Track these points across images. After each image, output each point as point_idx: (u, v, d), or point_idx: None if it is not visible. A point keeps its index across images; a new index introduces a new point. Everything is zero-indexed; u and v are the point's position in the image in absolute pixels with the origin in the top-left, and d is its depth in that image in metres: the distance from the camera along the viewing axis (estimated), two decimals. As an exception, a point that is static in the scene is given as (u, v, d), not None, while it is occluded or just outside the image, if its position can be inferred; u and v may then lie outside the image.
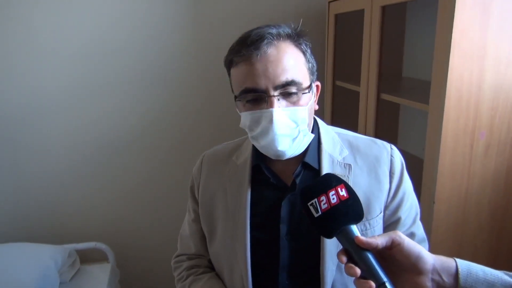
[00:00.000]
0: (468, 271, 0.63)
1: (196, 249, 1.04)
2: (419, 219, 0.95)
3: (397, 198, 0.90)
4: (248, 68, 0.79)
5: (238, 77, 0.82)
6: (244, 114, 0.84)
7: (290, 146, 0.83)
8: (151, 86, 2.04)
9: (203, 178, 1.01)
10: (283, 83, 0.79)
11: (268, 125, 0.80)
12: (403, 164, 0.93)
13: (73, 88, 1.98)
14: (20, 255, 1.80)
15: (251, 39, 0.79)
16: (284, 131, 0.81)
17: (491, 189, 1.17)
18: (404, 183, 0.91)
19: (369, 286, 0.60)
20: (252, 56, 0.78)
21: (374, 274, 0.62)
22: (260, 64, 0.78)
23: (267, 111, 0.79)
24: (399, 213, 0.90)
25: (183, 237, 1.09)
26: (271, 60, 0.78)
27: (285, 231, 0.87)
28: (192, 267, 1.04)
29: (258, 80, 0.78)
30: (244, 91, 0.81)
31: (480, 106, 1.10)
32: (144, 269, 2.29)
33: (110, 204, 2.17)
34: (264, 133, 0.81)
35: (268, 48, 0.79)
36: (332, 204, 0.66)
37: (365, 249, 0.63)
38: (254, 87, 0.79)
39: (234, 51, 0.82)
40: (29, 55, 1.90)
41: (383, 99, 1.48)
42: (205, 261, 1.04)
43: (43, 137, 2.01)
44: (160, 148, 2.13)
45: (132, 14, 1.93)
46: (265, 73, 0.78)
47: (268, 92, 0.79)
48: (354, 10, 1.62)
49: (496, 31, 1.05)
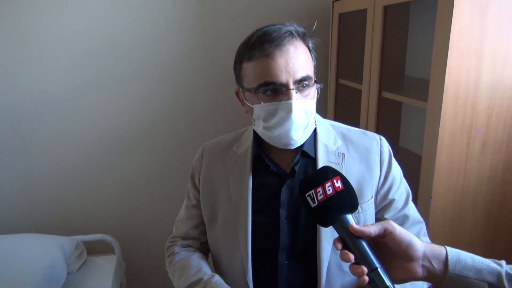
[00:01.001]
0: (457, 258, 0.67)
1: (191, 231, 1.10)
2: (412, 200, 0.99)
3: (387, 183, 0.96)
4: (270, 62, 0.84)
5: (257, 71, 0.86)
6: (259, 106, 0.88)
7: (302, 135, 0.90)
8: (158, 83, 2.08)
9: (204, 166, 1.06)
10: (301, 77, 0.85)
11: (287, 115, 0.85)
12: (391, 153, 0.99)
13: (82, 86, 2.03)
14: (30, 245, 1.85)
15: (273, 37, 0.84)
16: (300, 121, 0.87)
17: (487, 186, 1.20)
18: (393, 169, 0.97)
19: (362, 271, 0.64)
20: (275, 51, 0.84)
21: (367, 260, 0.65)
22: (283, 59, 0.84)
23: (287, 102, 0.85)
24: (389, 197, 0.96)
25: (179, 221, 1.15)
26: (291, 56, 0.84)
27: (284, 215, 0.93)
28: (184, 245, 1.10)
29: (280, 74, 0.84)
30: (263, 84, 0.85)
31: (477, 104, 1.13)
32: (149, 260, 2.34)
33: (116, 197, 2.22)
34: (280, 123, 0.87)
35: (288, 45, 0.84)
36: (328, 195, 0.69)
37: (359, 237, 0.67)
38: (275, 81, 0.84)
39: (253, 46, 0.86)
40: (39, 53, 1.95)
41: (384, 97, 1.51)
42: (197, 243, 1.10)
43: (52, 132, 2.06)
44: (166, 143, 2.18)
45: (138, 13, 1.97)
46: (286, 68, 0.84)
47: (288, 86, 0.84)
48: (357, 9, 1.65)
49: (493, 32, 1.08)
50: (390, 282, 0.64)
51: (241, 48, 0.91)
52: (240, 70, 0.91)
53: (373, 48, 1.52)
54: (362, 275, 0.64)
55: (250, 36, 0.89)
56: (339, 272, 0.93)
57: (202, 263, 1.02)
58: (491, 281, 0.65)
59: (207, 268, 1.01)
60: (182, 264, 1.03)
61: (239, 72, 0.92)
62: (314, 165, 0.95)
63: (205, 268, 1.01)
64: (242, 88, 0.93)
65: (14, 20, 1.89)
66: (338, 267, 0.92)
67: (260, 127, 0.92)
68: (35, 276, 1.70)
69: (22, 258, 1.76)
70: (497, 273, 0.65)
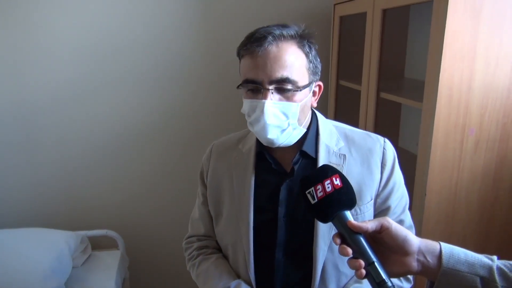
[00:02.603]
0: (451, 253, 0.70)
1: (205, 230, 1.13)
2: (408, 208, 1.02)
3: (388, 187, 0.98)
4: (251, 61, 0.89)
5: (243, 68, 0.92)
6: (244, 101, 0.94)
7: (279, 136, 0.92)
8: (166, 83, 2.14)
9: (211, 165, 1.10)
10: (278, 79, 0.87)
11: (260, 114, 0.89)
12: (395, 157, 1.00)
13: (89, 84, 2.08)
14: (37, 239, 1.90)
15: (255, 37, 0.88)
16: (273, 121, 0.89)
17: (480, 183, 1.24)
18: (395, 174, 0.99)
19: (359, 264, 0.67)
20: (255, 51, 0.87)
21: (364, 254, 0.69)
22: (261, 59, 0.87)
23: (260, 101, 0.88)
24: (389, 202, 0.98)
25: (194, 219, 1.18)
26: (270, 57, 0.87)
27: (283, 213, 0.96)
28: (202, 247, 1.13)
29: (257, 73, 0.88)
30: (245, 81, 0.91)
31: (470, 104, 1.17)
32: (152, 256, 2.39)
33: (121, 194, 2.27)
34: (256, 121, 0.91)
35: (269, 46, 0.87)
36: (327, 192, 0.73)
37: (357, 232, 0.70)
38: (253, 79, 0.89)
39: (241, 45, 0.92)
40: (48, 52, 2.01)
41: (383, 98, 1.55)
42: (213, 242, 1.13)
43: (59, 128, 2.12)
44: (171, 142, 2.23)
45: (146, 13, 2.03)
46: (263, 67, 0.87)
47: (263, 85, 0.88)
48: (358, 12, 1.70)
49: (486, 34, 1.12)
50: (386, 276, 0.67)
51: (238, 46, 0.95)
52: (239, 68, 0.97)
53: (372, 50, 1.57)
54: (359, 268, 0.67)
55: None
56: (334, 272, 0.95)
57: (222, 271, 1.03)
58: (483, 275, 0.68)
59: (228, 276, 1.02)
60: (203, 270, 1.06)
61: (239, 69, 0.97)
62: (314, 165, 0.97)
63: (225, 276, 1.01)
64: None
65: (20, 19, 1.95)
66: (334, 267, 0.95)
67: (247, 122, 0.96)
68: (43, 269, 1.75)
69: (30, 252, 1.81)
70: (489, 267, 0.68)
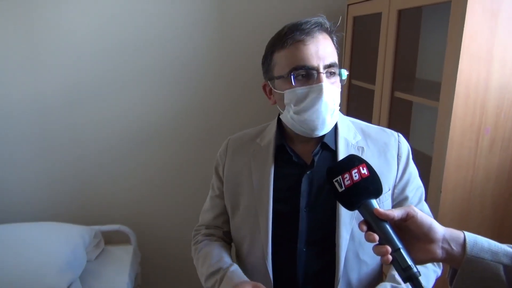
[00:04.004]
0: (475, 241, 0.72)
1: (214, 220, 1.17)
2: (424, 200, 1.06)
3: (404, 178, 1.02)
4: (302, 47, 0.92)
5: (289, 57, 0.94)
6: (290, 90, 0.94)
7: (329, 121, 0.95)
8: (178, 80, 2.17)
9: (228, 158, 1.12)
10: (330, 63, 0.93)
11: (318, 96, 0.92)
12: (409, 150, 1.04)
13: (107, 80, 2.12)
14: (52, 233, 1.93)
15: (303, 27, 0.93)
16: (330, 104, 0.93)
17: (495, 182, 1.27)
18: (410, 166, 1.03)
19: (386, 250, 0.69)
20: (306, 38, 0.92)
21: (390, 241, 0.71)
22: (313, 46, 0.92)
23: (317, 85, 0.92)
24: (406, 192, 1.02)
25: (204, 211, 1.22)
26: (320, 44, 0.93)
27: (304, 204, 0.99)
28: (208, 234, 1.17)
29: (311, 58, 0.92)
30: (296, 68, 0.93)
31: (486, 104, 1.20)
32: (164, 252, 2.42)
33: (134, 190, 2.30)
34: (311, 106, 0.93)
35: (318, 34, 0.93)
36: (355, 180, 0.75)
37: (383, 220, 0.72)
38: (307, 64, 0.92)
39: (286, 34, 0.94)
40: (63, 50, 2.04)
41: (397, 97, 1.58)
42: (219, 232, 1.16)
43: (74, 125, 2.15)
44: (183, 138, 2.26)
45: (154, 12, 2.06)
46: (317, 53, 0.92)
47: (318, 69, 0.92)
48: (372, 13, 1.73)
49: (503, 36, 1.15)
50: (411, 262, 0.69)
51: (273, 39, 0.98)
52: (271, 61, 0.98)
53: (386, 51, 1.59)
54: (386, 254, 0.69)
55: (281, 29, 0.97)
56: (356, 261, 0.98)
57: (222, 253, 1.08)
58: (506, 262, 0.70)
59: (227, 257, 1.07)
60: (205, 253, 1.09)
61: (270, 62, 0.99)
62: (334, 157, 1.00)
63: (225, 257, 1.06)
64: (272, 79, 0.99)
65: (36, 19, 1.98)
66: (355, 256, 0.97)
67: (290, 112, 0.96)
68: (58, 262, 1.78)
69: (46, 245, 1.84)
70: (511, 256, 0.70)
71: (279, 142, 1.04)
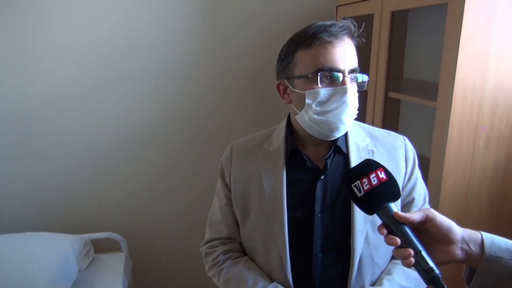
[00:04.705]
0: (492, 241, 0.74)
1: (229, 232, 1.12)
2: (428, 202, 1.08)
3: (412, 180, 1.03)
4: (331, 49, 0.91)
5: (316, 57, 0.92)
6: (313, 91, 0.93)
7: (348, 123, 0.96)
8: (164, 85, 2.13)
9: (234, 164, 1.10)
10: (354, 68, 0.94)
11: (342, 98, 0.92)
12: (415, 153, 1.06)
13: (88, 86, 2.05)
14: (41, 243, 1.87)
15: (331, 30, 0.91)
16: (353, 107, 0.94)
17: (491, 178, 1.31)
18: (416, 168, 1.05)
19: (409, 253, 0.70)
20: (335, 40, 0.92)
21: (411, 244, 0.71)
22: (340, 49, 0.92)
23: (342, 88, 0.92)
24: (413, 194, 1.03)
25: (214, 221, 1.15)
26: (347, 48, 0.93)
27: (319, 209, 0.98)
28: (227, 251, 1.11)
29: (338, 61, 0.92)
30: (322, 69, 0.92)
31: (483, 103, 1.23)
32: (155, 258, 2.38)
33: (123, 196, 2.25)
34: (336, 107, 0.93)
35: (345, 38, 0.93)
36: (373, 185, 0.76)
37: (402, 223, 0.73)
38: (334, 66, 0.91)
39: (314, 34, 0.92)
40: (46, 56, 1.97)
41: (390, 97, 1.60)
42: (237, 246, 1.12)
43: (61, 130, 2.08)
44: (172, 143, 2.22)
45: (147, 14, 2.02)
46: (343, 56, 0.92)
47: (344, 73, 0.92)
48: (363, 14, 1.75)
49: (498, 37, 1.18)
50: (433, 263, 0.70)
51: (296, 38, 0.96)
52: (293, 59, 0.96)
53: (379, 51, 1.62)
54: (409, 257, 0.69)
55: (305, 28, 0.95)
56: (370, 264, 0.98)
57: (256, 274, 1.03)
58: None
59: (263, 279, 1.02)
60: (235, 274, 1.04)
61: (291, 61, 0.97)
62: (346, 161, 1.00)
63: (261, 279, 1.01)
64: (291, 77, 0.97)
65: (21, 19, 1.91)
66: (369, 259, 0.98)
67: (309, 112, 0.95)
68: (50, 273, 1.73)
69: (36, 256, 1.78)
70: None
71: (291, 146, 1.03)
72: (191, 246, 2.35)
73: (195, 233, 2.32)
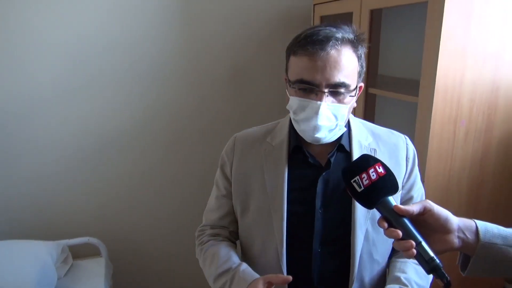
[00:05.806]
0: (486, 228, 0.78)
1: (220, 221, 1.14)
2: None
3: (411, 179, 1.06)
4: (310, 62, 0.90)
5: (297, 67, 0.93)
6: (293, 99, 0.95)
7: (326, 135, 0.96)
8: (147, 85, 2.09)
9: (236, 157, 1.10)
10: (335, 83, 0.90)
11: (313, 114, 0.92)
12: (415, 152, 1.09)
13: (68, 88, 1.98)
14: (18, 252, 1.78)
15: (318, 39, 0.89)
16: (324, 122, 0.93)
17: (469, 170, 1.37)
18: (416, 167, 1.08)
19: (411, 244, 0.72)
20: (316, 53, 0.88)
21: (411, 235, 0.74)
22: (321, 62, 0.89)
23: (316, 103, 0.91)
24: (412, 192, 1.06)
25: (208, 210, 1.18)
26: (330, 61, 0.89)
27: (319, 205, 1.00)
28: (213, 234, 1.14)
29: (315, 75, 0.90)
30: (300, 80, 0.92)
31: (462, 98, 1.29)
32: (136, 262, 2.33)
33: (100, 200, 2.19)
34: (307, 120, 0.94)
35: (331, 50, 0.89)
36: (373, 180, 0.78)
37: (402, 215, 0.76)
38: (310, 80, 0.91)
39: (300, 43, 0.92)
40: (26, 55, 1.89)
41: (371, 93, 1.65)
42: (226, 232, 1.14)
43: (35, 133, 1.99)
44: (153, 146, 2.19)
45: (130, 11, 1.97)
46: (322, 71, 0.89)
47: (320, 87, 0.90)
48: (341, 12, 1.78)
49: (475, 34, 1.24)
50: (433, 253, 0.73)
51: (292, 41, 0.96)
52: (288, 62, 0.98)
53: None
54: (411, 249, 0.72)
55: (302, 31, 0.94)
56: (369, 260, 1.00)
57: (231, 253, 1.07)
58: None
59: (235, 257, 1.06)
60: (212, 253, 1.07)
61: (287, 63, 0.99)
62: (348, 158, 1.02)
63: (234, 257, 1.05)
64: (288, 78, 0.99)
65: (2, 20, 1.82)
66: (369, 255, 1.00)
67: (292, 118, 0.99)
68: (28, 282, 1.66)
69: (13, 265, 1.70)
70: None
71: (294, 143, 1.04)
72: (172, 250, 2.32)
73: (176, 236, 2.30)
